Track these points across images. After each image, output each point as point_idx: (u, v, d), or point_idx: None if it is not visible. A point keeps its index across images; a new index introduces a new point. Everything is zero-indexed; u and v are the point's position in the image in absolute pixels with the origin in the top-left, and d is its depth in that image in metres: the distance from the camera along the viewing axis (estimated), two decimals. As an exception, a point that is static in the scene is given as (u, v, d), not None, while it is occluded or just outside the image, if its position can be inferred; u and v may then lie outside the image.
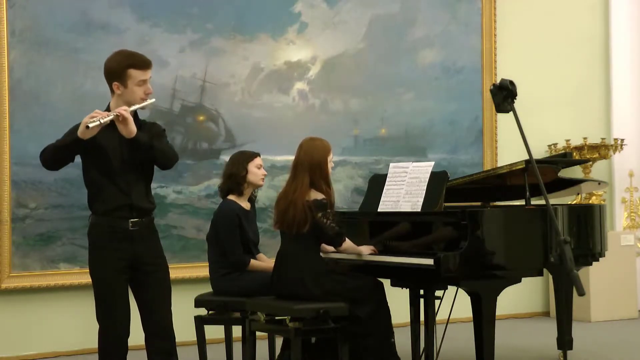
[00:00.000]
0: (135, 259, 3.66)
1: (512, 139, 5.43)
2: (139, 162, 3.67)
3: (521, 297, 7.00)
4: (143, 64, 3.67)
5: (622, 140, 7.18)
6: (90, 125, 3.44)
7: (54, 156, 3.59)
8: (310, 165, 4.37)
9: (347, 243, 4.44)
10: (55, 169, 3.70)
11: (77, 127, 3.59)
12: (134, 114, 3.66)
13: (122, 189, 3.63)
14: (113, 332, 3.63)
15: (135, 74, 3.64)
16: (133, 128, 3.54)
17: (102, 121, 3.48)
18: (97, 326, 3.70)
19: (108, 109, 3.67)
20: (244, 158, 4.82)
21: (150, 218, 3.76)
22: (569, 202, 6.67)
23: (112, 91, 3.70)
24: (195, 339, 4.69)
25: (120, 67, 3.64)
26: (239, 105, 6.28)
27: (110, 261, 3.63)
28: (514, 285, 4.31)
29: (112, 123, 3.57)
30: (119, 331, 3.63)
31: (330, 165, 4.46)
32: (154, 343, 3.71)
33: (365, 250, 4.51)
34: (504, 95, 3.34)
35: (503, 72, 6.76)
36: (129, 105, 3.63)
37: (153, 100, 3.76)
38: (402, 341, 4.83)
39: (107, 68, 3.69)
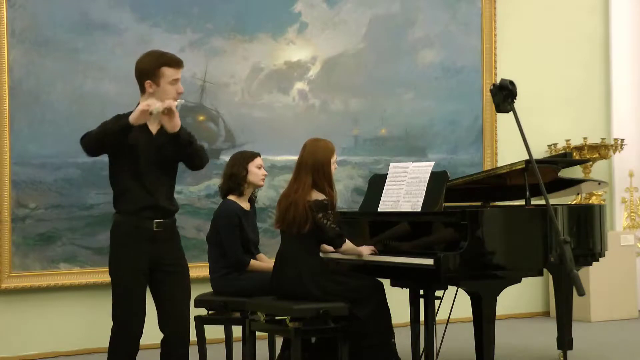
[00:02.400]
0: (156, 260, 3.67)
1: (512, 139, 5.42)
2: (167, 162, 3.68)
3: (521, 297, 7.00)
4: (176, 62, 3.70)
5: (622, 140, 7.18)
6: (154, 112, 3.47)
7: (99, 141, 3.57)
8: (314, 166, 4.38)
9: (348, 244, 4.44)
10: (96, 155, 3.70)
11: (116, 118, 3.59)
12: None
13: (147, 189, 3.65)
14: (127, 331, 3.64)
15: (168, 72, 3.66)
16: (178, 121, 3.57)
17: (160, 109, 3.51)
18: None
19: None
20: (244, 158, 4.82)
21: (173, 219, 3.77)
22: (569, 202, 6.67)
23: (143, 91, 3.70)
24: (195, 339, 4.68)
25: (154, 66, 3.66)
26: (239, 105, 6.28)
27: (131, 261, 3.64)
28: (514, 285, 4.31)
29: (143, 124, 3.58)
30: (133, 331, 3.64)
31: (333, 167, 4.48)
32: (167, 346, 3.72)
33: (366, 250, 4.51)
34: (504, 95, 3.34)
35: (503, 72, 6.76)
36: None
37: (183, 100, 3.76)
38: (402, 341, 4.83)
39: (140, 67, 3.71)
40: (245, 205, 4.83)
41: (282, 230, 4.48)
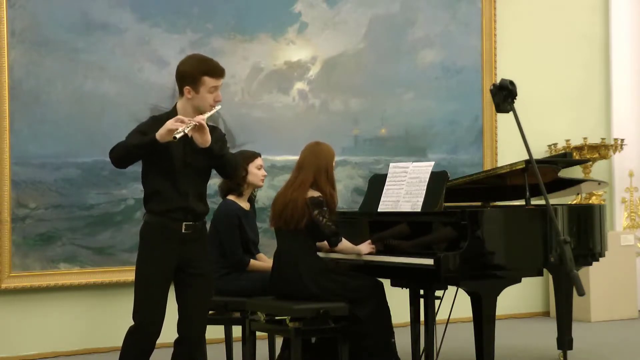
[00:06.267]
0: (183, 262, 3.66)
1: (512, 139, 5.42)
2: (200, 165, 3.67)
3: (521, 297, 7.00)
4: (217, 72, 3.68)
5: (622, 140, 7.18)
6: (177, 136, 3.43)
7: (128, 155, 3.57)
8: (317, 168, 4.42)
9: (344, 243, 4.45)
10: (124, 167, 3.70)
11: (143, 126, 3.60)
12: None
13: (180, 191, 3.62)
14: (145, 331, 3.62)
15: (208, 81, 3.64)
16: (209, 137, 3.54)
17: (186, 131, 3.46)
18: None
19: (174, 110, 3.66)
20: (244, 158, 4.80)
21: (203, 222, 3.76)
22: (569, 202, 6.67)
23: (182, 94, 3.69)
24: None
25: (195, 73, 3.63)
26: (239, 105, 6.28)
27: (159, 261, 3.62)
28: (514, 285, 4.31)
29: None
30: (151, 331, 3.62)
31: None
32: (181, 346, 3.73)
33: (364, 249, 4.51)
34: (504, 95, 3.34)
35: (503, 72, 6.76)
36: (197, 109, 3.63)
37: (219, 106, 3.74)
38: (402, 341, 4.83)
39: (181, 71, 3.68)
40: (245, 205, 4.84)
41: (278, 228, 4.49)
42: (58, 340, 5.71)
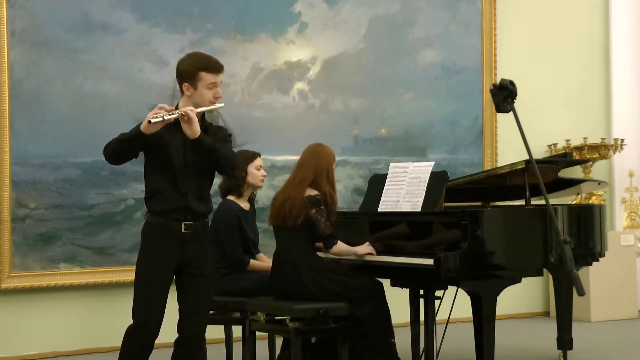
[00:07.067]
0: (184, 262, 3.65)
1: (512, 139, 5.42)
2: (201, 164, 3.65)
3: (521, 297, 7.00)
4: (215, 67, 3.67)
5: (622, 140, 7.18)
6: (153, 120, 3.44)
7: (117, 150, 3.57)
8: (317, 168, 4.43)
9: (340, 246, 4.44)
10: (117, 164, 3.68)
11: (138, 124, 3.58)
12: (201, 116, 3.65)
13: (180, 191, 3.62)
14: (144, 330, 3.62)
15: (206, 77, 3.64)
16: (197, 129, 3.53)
17: (165, 118, 3.46)
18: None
19: (176, 109, 3.64)
20: (243, 159, 4.79)
21: (204, 222, 3.73)
22: (569, 202, 6.67)
23: (182, 92, 3.70)
24: (195, 339, 4.68)
25: (192, 69, 3.64)
26: (239, 105, 6.28)
27: (159, 261, 3.62)
28: (514, 285, 4.31)
29: (178, 124, 3.55)
30: (150, 330, 3.62)
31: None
32: (181, 346, 3.73)
33: (361, 250, 4.51)
34: (504, 95, 3.34)
35: (503, 72, 6.76)
36: (197, 106, 3.62)
37: (222, 104, 3.74)
38: (402, 341, 4.83)
39: (179, 69, 3.70)
40: (245, 205, 4.84)
41: (277, 227, 4.49)
42: (58, 340, 5.71)
